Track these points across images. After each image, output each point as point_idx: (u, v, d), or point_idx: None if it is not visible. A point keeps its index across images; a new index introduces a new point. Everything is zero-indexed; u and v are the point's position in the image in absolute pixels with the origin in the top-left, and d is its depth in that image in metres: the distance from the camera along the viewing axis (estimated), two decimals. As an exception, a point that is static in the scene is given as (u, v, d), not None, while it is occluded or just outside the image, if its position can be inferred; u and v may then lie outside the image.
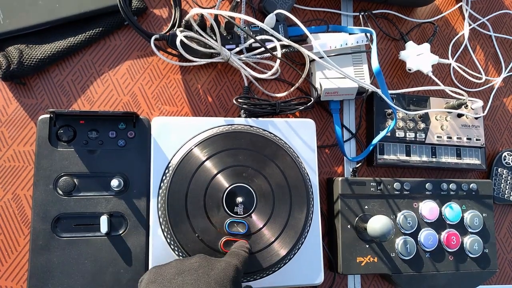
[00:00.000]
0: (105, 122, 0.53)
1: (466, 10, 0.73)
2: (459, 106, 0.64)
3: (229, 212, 0.50)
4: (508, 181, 0.68)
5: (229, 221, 0.50)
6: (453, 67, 0.71)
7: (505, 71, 0.73)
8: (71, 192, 0.51)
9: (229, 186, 0.51)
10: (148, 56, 0.60)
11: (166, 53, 0.59)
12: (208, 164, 0.51)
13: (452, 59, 0.71)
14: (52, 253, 0.49)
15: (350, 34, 0.64)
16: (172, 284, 0.39)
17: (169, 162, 0.51)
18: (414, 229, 0.58)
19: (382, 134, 0.60)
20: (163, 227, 0.50)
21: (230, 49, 0.59)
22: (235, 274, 0.41)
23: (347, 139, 0.64)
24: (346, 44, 0.62)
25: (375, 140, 0.60)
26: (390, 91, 0.61)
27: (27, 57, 0.54)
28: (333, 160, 0.64)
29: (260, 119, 0.56)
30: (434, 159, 0.64)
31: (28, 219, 0.53)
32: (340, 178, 0.58)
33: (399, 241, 0.57)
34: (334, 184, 0.59)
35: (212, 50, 0.57)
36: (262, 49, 0.59)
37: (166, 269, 0.41)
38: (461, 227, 0.60)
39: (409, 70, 0.65)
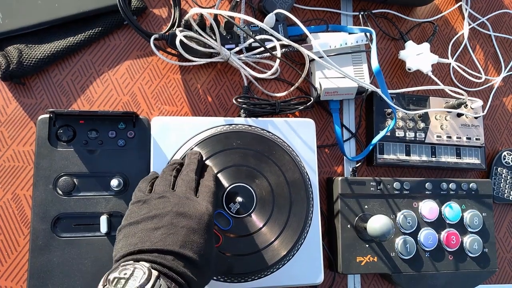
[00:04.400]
0: (104, 122, 0.53)
1: (466, 9, 0.73)
2: (458, 106, 0.64)
3: (225, 208, 0.50)
4: (508, 181, 0.68)
5: (217, 212, 0.50)
6: (453, 66, 0.71)
7: (504, 70, 0.73)
8: (71, 192, 0.51)
9: (228, 186, 0.51)
10: (147, 56, 0.60)
11: (165, 52, 0.59)
12: (208, 163, 0.51)
13: (452, 58, 0.71)
14: (52, 253, 0.49)
15: (349, 33, 0.64)
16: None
17: (169, 162, 0.51)
18: (414, 228, 0.58)
19: (382, 133, 0.60)
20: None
21: (229, 49, 0.59)
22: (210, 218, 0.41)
23: (346, 138, 0.64)
24: (346, 43, 0.62)
25: (375, 140, 0.60)
26: (389, 91, 0.61)
27: (26, 57, 0.54)
28: (333, 160, 0.64)
29: (259, 118, 0.56)
30: (433, 159, 0.64)
31: (27, 219, 0.53)
32: (340, 178, 0.58)
33: (399, 241, 0.57)
34: (334, 184, 0.59)
35: (211, 50, 0.57)
36: (262, 48, 0.59)
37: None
38: (460, 227, 0.60)
39: (409, 69, 0.65)
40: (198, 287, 0.37)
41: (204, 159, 0.51)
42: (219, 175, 0.51)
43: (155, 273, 0.33)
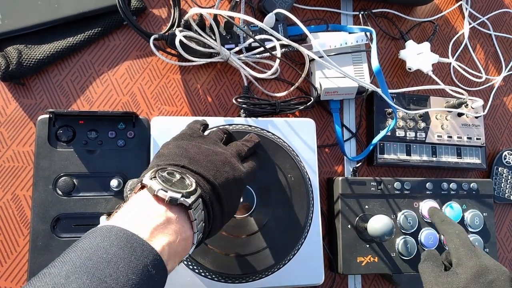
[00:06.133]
0: (104, 122, 0.53)
1: (466, 9, 0.72)
2: (459, 105, 0.64)
3: None
4: (509, 180, 0.68)
5: None
6: (453, 66, 0.70)
7: (505, 70, 0.73)
8: (71, 192, 0.50)
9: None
10: (147, 56, 0.60)
11: (165, 53, 0.59)
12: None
13: (452, 58, 0.71)
14: (52, 254, 0.49)
15: (350, 33, 0.64)
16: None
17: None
18: (415, 228, 0.58)
19: (382, 133, 0.60)
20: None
21: (229, 49, 0.58)
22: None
23: (347, 138, 0.64)
24: (346, 43, 0.62)
25: (375, 140, 0.60)
26: (390, 91, 0.61)
27: (26, 57, 0.54)
28: (333, 160, 0.63)
29: (259, 118, 0.56)
30: (434, 159, 0.64)
31: (27, 219, 0.53)
32: (340, 178, 0.58)
33: (399, 241, 0.57)
34: (334, 184, 0.59)
35: (211, 50, 0.57)
36: (262, 48, 0.59)
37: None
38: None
39: (409, 69, 0.65)
40: (214, 228, 0.37)
41: None
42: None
43: (199, 190, 0.34)
